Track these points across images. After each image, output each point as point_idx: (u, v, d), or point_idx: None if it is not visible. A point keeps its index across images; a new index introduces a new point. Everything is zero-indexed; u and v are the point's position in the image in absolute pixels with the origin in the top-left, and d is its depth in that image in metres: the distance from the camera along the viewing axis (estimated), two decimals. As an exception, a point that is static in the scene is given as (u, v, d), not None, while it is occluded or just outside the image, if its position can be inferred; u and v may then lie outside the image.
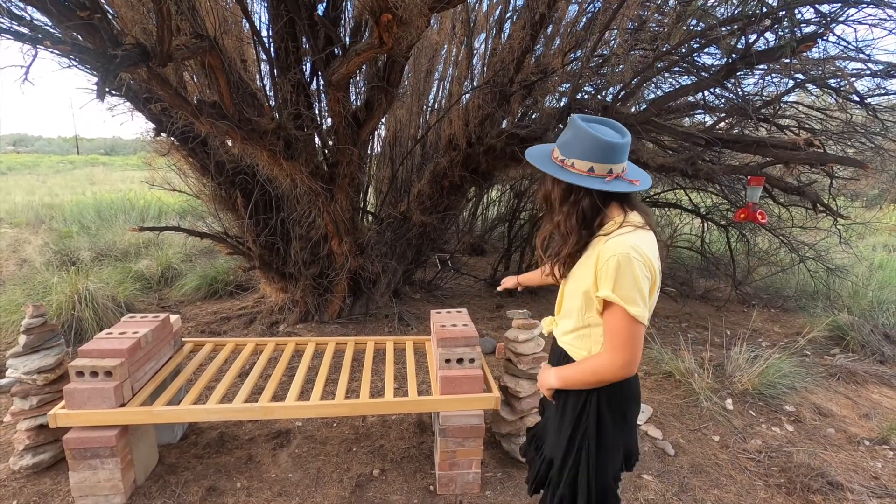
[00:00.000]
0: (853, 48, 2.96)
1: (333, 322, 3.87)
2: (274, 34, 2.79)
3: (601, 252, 1.15)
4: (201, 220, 5.92)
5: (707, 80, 3.14)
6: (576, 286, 1.25)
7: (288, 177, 3.01)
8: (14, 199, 9.17)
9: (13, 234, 6.57)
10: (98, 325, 3.54)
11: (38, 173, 15.69)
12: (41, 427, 2.11)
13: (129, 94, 2.96)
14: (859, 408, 3.03)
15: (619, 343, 1.15)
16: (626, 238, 1.14)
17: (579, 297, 1.24)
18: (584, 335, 1.29)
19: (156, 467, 2.18)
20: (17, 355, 2.11)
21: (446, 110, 4.06)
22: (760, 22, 2.71)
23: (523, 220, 5.87)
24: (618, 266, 1.11)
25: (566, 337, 1.35)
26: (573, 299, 1.27)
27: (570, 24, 3.70)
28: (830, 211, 4.04)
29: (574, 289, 1.26)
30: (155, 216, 7.60)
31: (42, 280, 3.98)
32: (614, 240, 1.15)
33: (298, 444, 2.40)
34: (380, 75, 2.76)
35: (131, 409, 1.89)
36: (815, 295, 5.06)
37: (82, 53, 1.77)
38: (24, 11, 1.91)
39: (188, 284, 4.68)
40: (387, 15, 2.05)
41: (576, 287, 1.25)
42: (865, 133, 3.90)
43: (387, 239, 4.06)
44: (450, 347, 2.06)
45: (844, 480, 2.29)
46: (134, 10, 2.00)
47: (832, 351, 3.90)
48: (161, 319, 2.24)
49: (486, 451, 2.34)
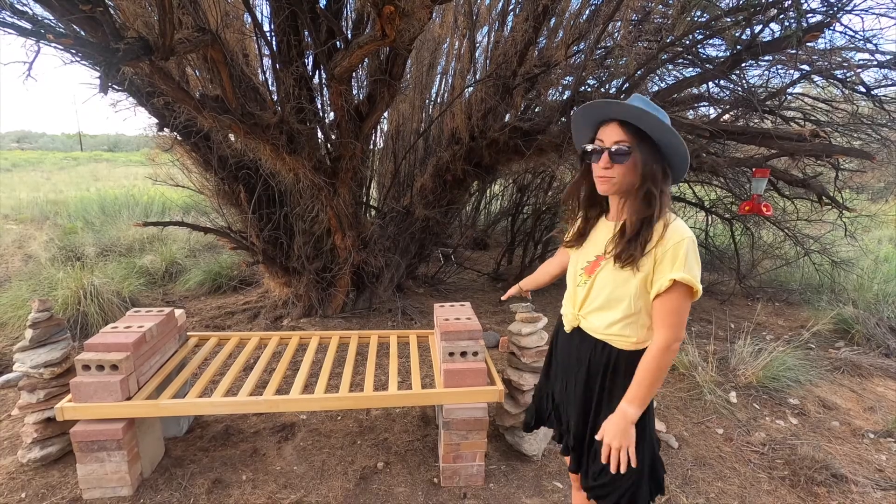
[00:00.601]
0: (860, 38, 2.92)
1: (337, 316, 3.88)
2: (276, 27, 2.77)
3: (667, 236, 1.17)
4: (205, 216, 5.93)
5: (711, 71, 3.11)
6: (626, 274, 1.22)
7: (291, 171, 3.01)
8: (19, 195, 9.21)
9: (18, 231, 6.61)
10: (103, 320, 3.57)
11: (42, 170, 15.74)
12: (48, 420, 2.12)
13: (131, 89, 2.96)
14: (864, 401, 3.03)
15: (679, 321, 1.20)
16: (681, 222, 1.21)
17: (634, 283, 1.22)
18: (632, 322, 1.27)
19: (162, 460, 2.20)
20: (24, 349, 2.12)
21: (449, 104, 4.04)
22: (766, 12, 2.68)
23: (526, 215, 5.85)
24: (688, 249, 1.16)
25: (611, 329, 1.30)
26: (624, 287, 1.24)
27: (574, 15, 3.66)
28: (836, 203, 4.01)
29: (625, 277, 1.23)
30: (158, 212, 7.62)
31: (47, 275, 4.01)
32: (675, 224, 1.19)
33: (303, 437, 2.42)
34: (382, 68, 2.74)
35: (137, 403, 1.90)
36: (819, 288, 5.04)
37: (85, 47, 1.77)
38: (26, 6, 1.91)
39: (192, 279, 4.70)
40: (389, 7, 2.03)
41: (627, 275, 1.22)
42: (872, 125, 3.86)
43: (390, 233, 4.06)
44: (453, 341, 2.07)
45: (849, 473, 2.29)
46: (135, 4, 2.00)
47: (837, 344, 3.88)
48: (166, 314, 2.25)
49: (490, 444, 2.35)
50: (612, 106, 1.20)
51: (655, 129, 1.17)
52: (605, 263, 1.28)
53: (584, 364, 1.37)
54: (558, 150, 3.33)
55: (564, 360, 1.46)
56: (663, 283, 1.17)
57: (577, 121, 1.31)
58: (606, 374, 1.33)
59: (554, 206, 5.39)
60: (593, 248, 1.35)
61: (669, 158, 1.23)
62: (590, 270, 1.33)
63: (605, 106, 1.22)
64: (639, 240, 1.19)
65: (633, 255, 1.19)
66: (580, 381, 1.39)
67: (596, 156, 1.23)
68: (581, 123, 1.30)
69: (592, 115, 1.26)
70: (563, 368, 1.47)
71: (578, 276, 1.37)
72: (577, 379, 1.41)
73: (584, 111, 1.26)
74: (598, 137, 1.24)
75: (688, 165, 1.23)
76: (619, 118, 1.20)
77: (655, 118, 1.15)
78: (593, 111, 1.24)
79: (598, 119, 1.26)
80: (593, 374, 1.36)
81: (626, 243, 1.21)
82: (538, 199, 5.79)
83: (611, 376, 1.33)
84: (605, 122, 1.24)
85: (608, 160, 1.21)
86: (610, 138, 1.21)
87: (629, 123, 1.19)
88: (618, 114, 1.20)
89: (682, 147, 1.18)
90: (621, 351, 1.31)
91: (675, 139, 1.17)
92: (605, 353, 1.32)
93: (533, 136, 3.38)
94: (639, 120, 1.18)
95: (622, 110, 1.18)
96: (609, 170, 1.21)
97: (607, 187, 1.24)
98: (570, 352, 1.43)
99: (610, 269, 1.26)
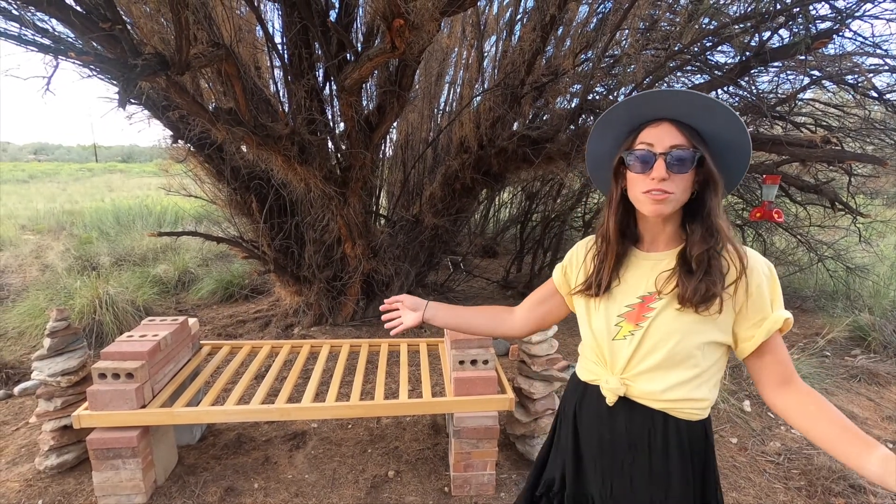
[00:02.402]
0: (870, 44, 2.91)
1: (347, 324, 3.90)
2: (287, 41, 2.83)
3: (753, 266, 0.93)
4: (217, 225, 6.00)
5: (720, 78, 3.11)
6: (696, 318, 0.93)
7: (302, 181, 3.05)
8: (36, 206, 9.41)
9: (36, 241, 6.74)
10: (118, 329, 3.62)
11: (58, 181, 16.07)
12: (65, 428, 2.16)
13: (147, 102, 3.03)
14: (882, 409, 2.97)
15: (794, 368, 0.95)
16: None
17: (710, 329, 0.93)
18: (702, 382, 0.96)
19: (175, 468, 2.22)
20: (42, 358, 2.17)
21: (457, 113, 4.07)
22: (774, 19, 2.68)
23: (535, 222, 5.85)
24: (776, 280, 0.94)
25: (672, 393, 0.95)
26: (695, 335, 0.93)
27: (581, 24, 3.69)
28: (849, 209, 3.97)
29: (694, 322, 0.93)
30: (172, 221, 7.74)
31: (64, 285, 4.09)
32: (749, 249, 0.96)
33: (314, 446, 2.43)
34: (392, 79, 2.78)
35: (152, 411, 1.93)
36: (834, 295, 4.96)
37: (104, 63, 1.82)
38: (47, 24, 1.97)
39: (205, 288, 4.76)
40: (399, 20, 2.07)
41: (697, 319, 0.92)
42: (885, 129, 3.83)
43: (399, 242, 4.08)
44: (463, 349, 2.07)
45: (867, 483, 2.24)
46: (153, 21, 2.05)
47: (853, 352, 3.82)
48: (180, 322, 2.28)
49: (501, 453, 2.34)
50: (672, 96, 0.91)
51: (725, 126, 0.92)
52: (661, 307, 0.95)
53: (641, 447, 1.00)
54: (567, 158, 3.34)
55: (606, 448, 1.04)
56: (775, 323, 0.91)
57: (611, 120, 0.99)
58: (685, 458, 0.98)
59: (563, 214, 5.39)
60: (631, 289, 1.01)
61: (729, 164, 0.97)
62: (635, 318, 0.98)
63: (661, 98, 0.91)
64: (714, 271, 0.90)
65: (714, 292, 0.90)
66: (641, 474, 1.00)
67: (645, 165, 0.92)
68: (616, 123, 0.99)
69: (635, 112, 0.96)
70: (604, 459, 1.04)
71: (615, 328, 1.00)
72: (633, 471, 1.01)
73: (626, 106, 0.95)
74: (643, 140, 0.94)
75: (745, 172, 0.99)
76: (676, 116, 0.93)
77: (727, 111, 0.90)
78: (640, 105, 0.94)
79: (640, 118, 0.96)
80: (659, 461, 0.99)
81: (698, 278, 0.91)
82: (547, 206, 5.79)
83: (684, 458, 0.99)
84: (647, 123, 0.95)
85: (664, 169, 0.90)
86: (662, 141, 0.91)
87: (682, 122, 0.92)
88: (683, 106, 0.91)
89: (748, 149, 0.94)
90: (689, 423, 0.97)
91: (745, 139, 0.93)
92: (668, 429, 0.97)
93: (541, 145, 3.40)
94: (711, 114, 0.91)
95: (691, 101, 0.90)
96: (666, 182, 0.90)
97: (661, 207, 0.92)
98: (615, 434, 1.03)
99: (672, 315, 0.94)
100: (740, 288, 0.91)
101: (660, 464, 0.99)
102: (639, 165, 0.93)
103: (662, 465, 0.98)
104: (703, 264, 0.92)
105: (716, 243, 0.92)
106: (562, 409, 1.18)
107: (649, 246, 1.03)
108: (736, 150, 0.95)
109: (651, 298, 0.97)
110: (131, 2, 2.17)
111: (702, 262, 0.92)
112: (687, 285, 0.91)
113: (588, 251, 1.10)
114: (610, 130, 1.01)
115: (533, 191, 5.79)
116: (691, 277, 0.92)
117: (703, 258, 0.92)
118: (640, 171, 0.93)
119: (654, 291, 0.97)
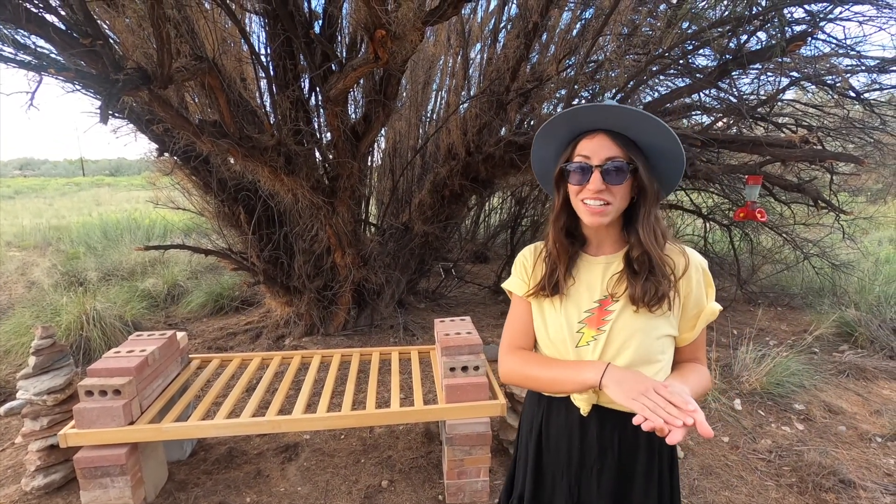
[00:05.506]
0: (844, 46, 2.98)
1: (339, 334, 3.89)
2: (272, 53, 2.84)
3: (692, 261, 1.01)
4: (206, 238, 5.97)
5: (701, 81, 3.16)
6: (648, 316, 0.98)
7: (289, 192, 3.04)
8: (21, 222, 9.29)
9: (21, 257, 6.65)
10: (106, 345, 3.58)
11: (44, 196, 15.89)
12: (52, 447, 2.12)
13: (131, 116, 3.02)
14: (870, 404, 3.01)
15: (705, 352, 1.07)
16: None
17: (665, 325, 0.99)
18: (663, 377, 1.00)
19: (166, 484, 2.19)
20: (28, 377, 2.14)
21: (444, 120, 4.09)
22: (751, 22, 2.74)
23: (525, 227, 5.88)
24: (709, 274, 1.03)
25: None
26: (653, 332, 0.98)
27: (564, 31, 3.74)
28: (832, 207, 4.03)
29: (649, 319, 0.98)
30: (160, 235, 7.67)
31: (50, 301, 4.03)
32: (685, 246, 1.04)
33: (307, 458, 2.41)
34: (377, 89, 2.80)
35: (140, 427, 1.91)
36: (821, 291, 5.03)
37: (85, 79, 1.82)
38: (28, 40, 1.97)
39: (194, 301, 4.72)
40: (380, 31, 2.09)
41: (650, 316, 0.98)
42: (864, 128, 3.90)
43: (389, 250, 4.08)
44: (454, 356, 2.07)
45: (857, 478, 2.27)
46: (135, 35, 2.05)
47: (841, 347, 3.87)
48: (168, 337, 2.27)
49: (495, 459, 2.34)
50: (606, 111, 0.94)
51: (657, 136, 0.96)
52: (619, 308, 0.99)
53: (610, 452, 1.02)
54: (553, 163, 3.36)
55: (575, 459, 1.06)
56: (712, 314, 1.01)
57: (549, 133, 1.03)
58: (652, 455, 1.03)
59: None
60: (587, 293, 1.03)
61: (664, 170, 1.02)
62: (595, 322, 1.00)
63: (596, 112, 0.94)
64: (657, 271, 0.96)
65: (662, 291, 0.95)
66: (608, 476, 1.03)
67: (582, 177, 0.96)
68: (556, 134, 1.03)
69: (573, 124, 0.99)
70: (571, 470, 1.06)
71: (577, 334, 1.02)
72: (601, 474, 1.04)
73: (564, 118, 0.99)
74: (580, 153, 0.97)
75: (681, 177, 1.03)
76: (611, 127, 0.96)
77: (657, 122, 0.93)
78: (578, 118, 0.98)
79: (578, 129, 1.00)
80: (628, 461, 1.03)
81: (644, 278, 0.96)
82: (536, 211, 5.83)
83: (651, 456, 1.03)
84: (584, 134, 0.99)
85: (600, 181, 0.94)
86: (598, 153, 0.95)
87: (618, 133, 0.96)
88: (616, 119, 0.95)
89: (682, 156, 0.98)
90: None
91: (678, 148, 0.96)
92: (638, 429, 0.87)
93: (528, 150, 3.42)
94: (643, 126, 0.94)
95: (622, 115, 0.93)
96: (603, 193, 0.95)
97: (600, 218, 0.97)
98: (586, 443, 1.04)
99: (629, 316, 0.98)
100: (683, 284, 0.99)
101: (628, 463, 1.03)
102: (577, 177, 0.98)
103: (630, 464, 1.03)
104: (644, 266, 0.97)
105: (653, 246, 0.97)
106: (524, 429, 1.20)
107: (596, 249, 1.07)
108: (670, 158, 0.99)
109: (608, 302, 1.01)
110: (113, 16, 2.16)
111: (643, 263, 0.97)
112: (635, 286, 0.97)
113: (538, 255, 1.12)
114: (552, 141, 1.05)
115: (522, 196, 5.83)
116: (637, 279, 0.97)
117: (643, 260, 0.97)
118: (578, 182, 0.98)
119: (608, 295, 1.02)
